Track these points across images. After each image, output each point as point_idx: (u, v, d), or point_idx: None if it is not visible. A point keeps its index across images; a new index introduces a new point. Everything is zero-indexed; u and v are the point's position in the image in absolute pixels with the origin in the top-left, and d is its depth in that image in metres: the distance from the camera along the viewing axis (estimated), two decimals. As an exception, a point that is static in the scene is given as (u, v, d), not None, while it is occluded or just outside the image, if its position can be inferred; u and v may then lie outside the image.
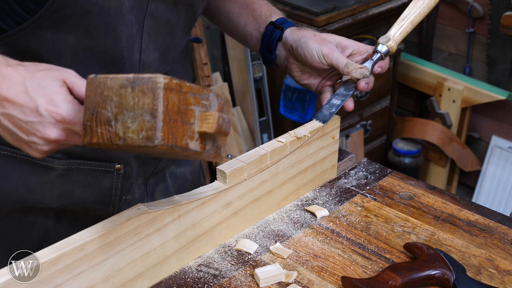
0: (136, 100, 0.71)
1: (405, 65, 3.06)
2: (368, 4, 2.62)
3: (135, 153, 0.77)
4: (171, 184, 1.18)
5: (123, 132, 0.71)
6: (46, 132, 0.75)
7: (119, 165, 1.04)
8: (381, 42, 1.10)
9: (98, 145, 0.73)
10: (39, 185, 1.01)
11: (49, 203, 1.03)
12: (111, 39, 0.93)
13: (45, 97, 0.75)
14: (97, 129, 0.72)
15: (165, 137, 0.71)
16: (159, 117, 0.71)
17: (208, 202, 0.93)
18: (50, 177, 1.01)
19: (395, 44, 1.11)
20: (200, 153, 0.77)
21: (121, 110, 0.71)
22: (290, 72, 1.18)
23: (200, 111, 0.76)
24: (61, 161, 1.00)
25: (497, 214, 1.07)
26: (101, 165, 1.03)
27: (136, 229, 0.84)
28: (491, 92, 2.81)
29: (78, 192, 1.03)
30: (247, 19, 1.21)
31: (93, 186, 1.04)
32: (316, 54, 1.10)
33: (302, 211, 1.08)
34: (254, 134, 2.77)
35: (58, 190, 1.02)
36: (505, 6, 2.69)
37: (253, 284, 0.90)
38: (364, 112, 2.87)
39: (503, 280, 0.91)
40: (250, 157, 0.98)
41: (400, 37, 1.11)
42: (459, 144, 2.98)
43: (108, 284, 0.83)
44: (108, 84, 0.72)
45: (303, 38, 1.12)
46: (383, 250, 0.98)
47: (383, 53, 1.10)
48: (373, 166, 1.21)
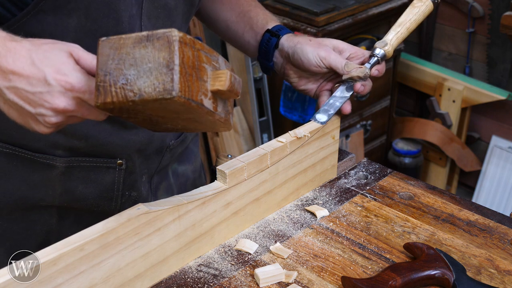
0: (151, 54, 0.71)
1: (405, 65, 3.06)
2: (368, 4, 2.62)
3: (148, 115, 0.76)
4: (173, 182, 1.18)
5: (138, 88, 0.71)
6: (55, 102, 0.74)
7: (121, 160, 1.04)
8: (378, 46, 1.12)
9: (112, 105, 0.72)
10: (42, 183, 1.01)
11: (52, 201, 1.03)
12: (112, 20, 0.92)
13: (52, 67, 0.74)
14: (111, 88, 0.71)
15: (182, 89, 0.70)
16: (176, 69, 0.70)
17: (208, 202, 0.93)
18: (52, 175, 1.01)
19: (392, 49, 1.13)
20: (213, 113, 0.76)
21: (136, 66, 0.71)
22: (288, 78, 1.19)
23: (212, 70, 0.76)
24: (63, 158, 1.00)
25: (497, 214, 1.07)
26: (102, 161, 1.03)
27: (136, 229, 0.84)
28: (491, 92, 2.81)
29: (80, 189, 1.03)
30: (244, 27, 1.22)
31: (95, 182, 1.04)
32: (313, 58, 1.10)
33: (302, 211, 1.08)
34: (254, 134, 2.77)
35: (60, 188, 1.02)
36: (505, 6, 2.69)
37: (253, 284, 0.90)
38: (364, 112, 2.87)
39: (503, 280, 0.91)
40: (250, 157, 0.98)
41: (396, 42, 1.13)
42: (459, 144, 2.98)
43: (108, 284, 0.83)
44: (122, 42, 0.72)
45: (299, 44, 1.12)
46: (383, 250, 0.98)
47: (380, 57, 1.11)
48: (373, 166, 1.21)
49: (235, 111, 2.79)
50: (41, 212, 1.04)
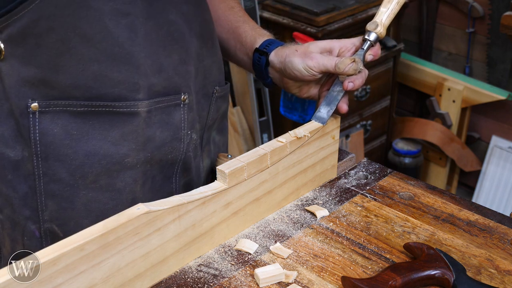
0: None
1: (405, 65, 3.06)
2: (368, 4, 2.62)
3: None
4: (212, 149, 1.18)
5: None
6: None
7: (184, 95, 1.03)
8: (369, 29, 1.09)
9: None
10: (123, 137, 0.98)
11: (137, 154, 1.00)
12: None
13: None
14: None
15: None
16: None
17: (208, 202, 0.93)
18: (134, 125, 0.98)
19: (384, 29, 1.09)
20: None
21: None
22: (289, 90, 1.19)
23: None
24: (144, 102, 0.98)
25: (497, 214, 1.07)
26: (172, 98, 1.02)
27: (136, 229, 0.84)
28: (491, 92, 2.81)
29: (158, 134, 1.01)
30: (235, 44, 1.21)
31: (168, 124, 1.02)
32: (304, 69, 1.10)
33: (302, 211, 1.08)
34: (254, 134, 2.77)
35: (143, 137, 0.99)
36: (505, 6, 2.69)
37: (253, 284, 0.90)
38: (364, 112, 2.87)
39: (503, 280, 0.91)
40: (250, 157, 0.98)
41: (387, 21, 1.09)
42: (459, 144, 2.98)
43: (108, 284, 0.83)
44: None
45: (287, 57, 1.12)
46: (383, 250, 0.98)
47: (373, 41, 1.09)
48: (373, 166, 1.21)
49: (235, 111, 2.79)
50: (126, 179, 1.01)
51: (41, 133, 0.94)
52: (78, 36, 0.90)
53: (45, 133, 0.94)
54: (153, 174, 1.04)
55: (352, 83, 1.08)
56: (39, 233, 0.99)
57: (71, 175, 0.97)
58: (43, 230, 0.99)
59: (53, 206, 0.98)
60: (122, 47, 0.93)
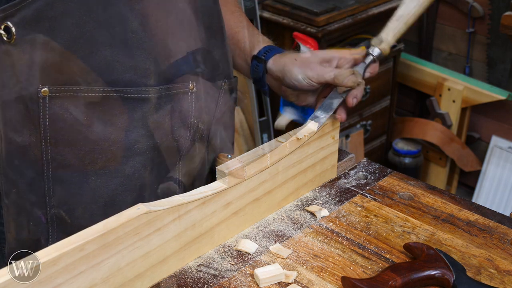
0: None
1: (405, 65, 3.06)
2: (368, 4, 2.62)
3: None
4: (219, 143, 1.17)
5: None
6: None
7: (192, 83, 1.03)
8: (373, 44, 1.09)
9: None
10: (133, 123, 0.98)
11: (146, 140, 1.00)
12: None
13: None
14: None
15: None
16: None
17: (208, 202, 0.93)
18: (144, 111, 0.98)
19: (388, 47, 1.09)
20: None
21: None
22: (287, 98, 1.19)
23: None
24: (155, 88, 0.97)
25: (497, 214, 1.07)
26: (181, 86, 1.01)
27: (136, 229, 0.84)
28: (491, 92, 2.81)
29: (167, 121, 1.01)
30: (234, 50, 1.21)
31: (176, 111, 1.02)
32: (303, 79, 1.10)
33: (302, 211, 1.08)
34: (254, 134, 2.77)
35: (152, 124, 0.99)
36: (505, 6, 2.69)
37: (253, 284, 0.90)
38: (364, 112, 2.87)
39: (503, 280, 0.91)
40: (250, 157, 0.98)
41: (393, 39, 1.09)
42: (459, 144, 2.98)
43: (108, 284, 0.83)
44: None
45: (286, 66, 1.12)
46: (383, 250, 0.98)
47: (376, 56, 1.09)
48: (373, 166, 1.21)
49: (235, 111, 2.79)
50: (135, 165, 1.00)
51: (50, 118, 0.93)
52: (93, 20, 0.89)
53: (55, 119, 0.93)
54: (159, 160, 1.04)
55: (356, 99, 1.09)
56: (45, 218, 0.99)
57: (80, 160, 0.96)
58: (50, 215, 0.98)
59: (61, 192, 0.97)
60: (135, 32, 0.93)
